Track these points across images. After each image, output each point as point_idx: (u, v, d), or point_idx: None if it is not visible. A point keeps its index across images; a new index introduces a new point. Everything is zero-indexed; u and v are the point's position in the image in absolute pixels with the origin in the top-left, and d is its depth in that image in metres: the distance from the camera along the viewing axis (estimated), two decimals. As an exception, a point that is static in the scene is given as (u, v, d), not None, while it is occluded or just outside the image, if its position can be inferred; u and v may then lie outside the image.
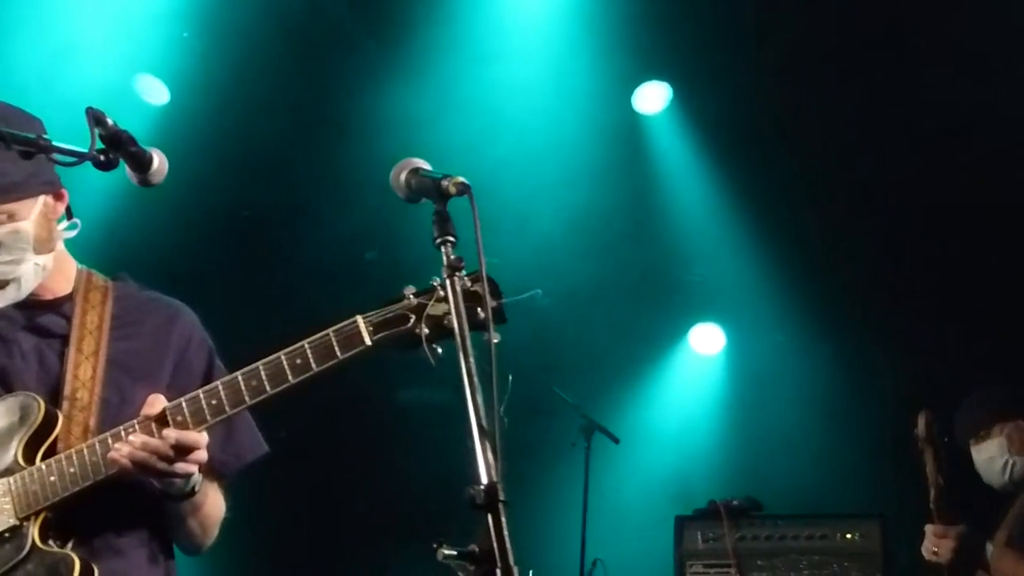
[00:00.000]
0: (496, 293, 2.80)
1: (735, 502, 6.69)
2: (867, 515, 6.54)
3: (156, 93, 7.51)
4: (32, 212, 3.08)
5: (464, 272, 2.69)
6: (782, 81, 7.29)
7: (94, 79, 6.95)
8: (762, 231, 7.89)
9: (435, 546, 2.55)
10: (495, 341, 2.62)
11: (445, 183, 2.71)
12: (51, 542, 2.98)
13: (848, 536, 6.46)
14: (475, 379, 2.56)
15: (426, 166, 2.82)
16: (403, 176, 2.81)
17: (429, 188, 2.76)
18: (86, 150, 2.76)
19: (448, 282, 2.67)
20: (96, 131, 2.78)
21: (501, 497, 2.49)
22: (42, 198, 3.11)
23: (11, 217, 3.04)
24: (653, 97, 7.87)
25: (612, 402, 8.18)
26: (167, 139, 6.36)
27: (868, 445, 7.50)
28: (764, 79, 7.29)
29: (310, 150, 7.61)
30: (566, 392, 7.42)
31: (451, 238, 2.68)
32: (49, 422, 3.05)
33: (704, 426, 8.33)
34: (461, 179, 2.72)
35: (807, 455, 7.53)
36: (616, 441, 7.62)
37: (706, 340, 8.62)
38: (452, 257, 2.67)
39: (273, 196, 7.78)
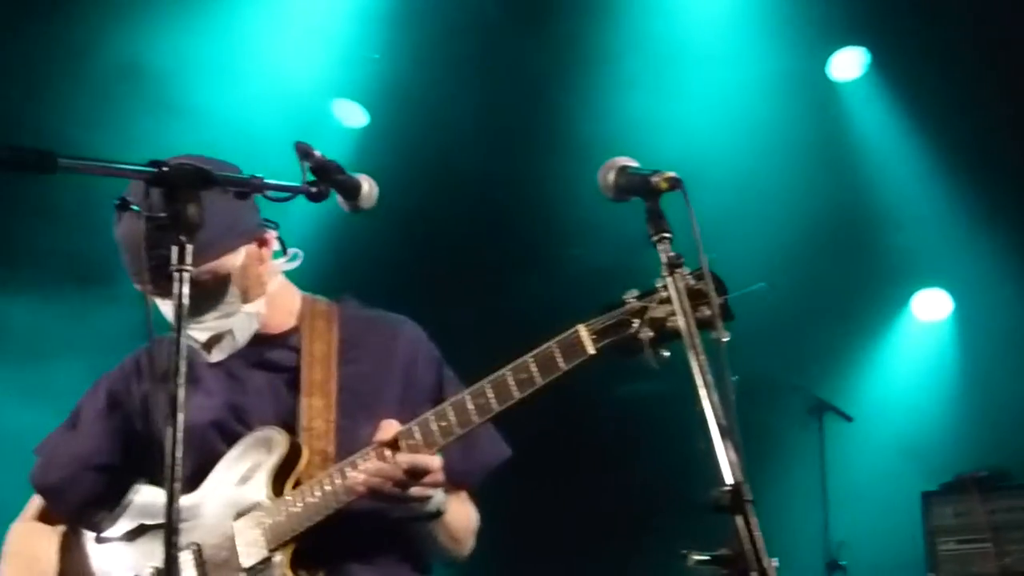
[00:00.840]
0: (721, 289, 2.71)
1: (983, 473, 6.42)
2: None
3: (354, 116, 7.64)
4: (234, 265, 3.11)
5: (684, 268, 2.61)
6: (988, 34, 6.98)
7: (292, 109, 7.10)
8: (981, 189, 7.56)
9: (683, 553, 2.49)
10: (725, 339, 2.54)
11: (655, 179, 2.64)
12: (302, 572, 3.01)
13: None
14: (708, 376, 2.49)
15: (633, 164, 2.76)
16: (611, 176, 2.75)
17: (638, 185, 2.69)
18: (297, 184, 2.78)
19: (669, 279, 2.59)
20: (305, 164, 2.81)
21: (747, 497, 2.41)
22: (243, 249, 3.14)
23: (214, 275, 3.07)
24: (849, 63, 7.66)
25: (839, 379, 7.97)
26: (370, 160, 6.45)
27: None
28: (966, 32, 7.00)
29: (510, 158, 7.62)
30: (790, 373, 7.25)
31: (667, 234, 2.60)
32: (294, 454, 3.09)
33: (938, 396, 8.02)
34: (671, 174, 2.64)
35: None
36: (849, 419, 7.42)
37: (930, 306, 8.33)
38: (671, 254, 2.60)
39: (478, 207, 7.81)
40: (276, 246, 3.24)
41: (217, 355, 3.17)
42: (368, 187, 2.95)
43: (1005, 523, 6.25)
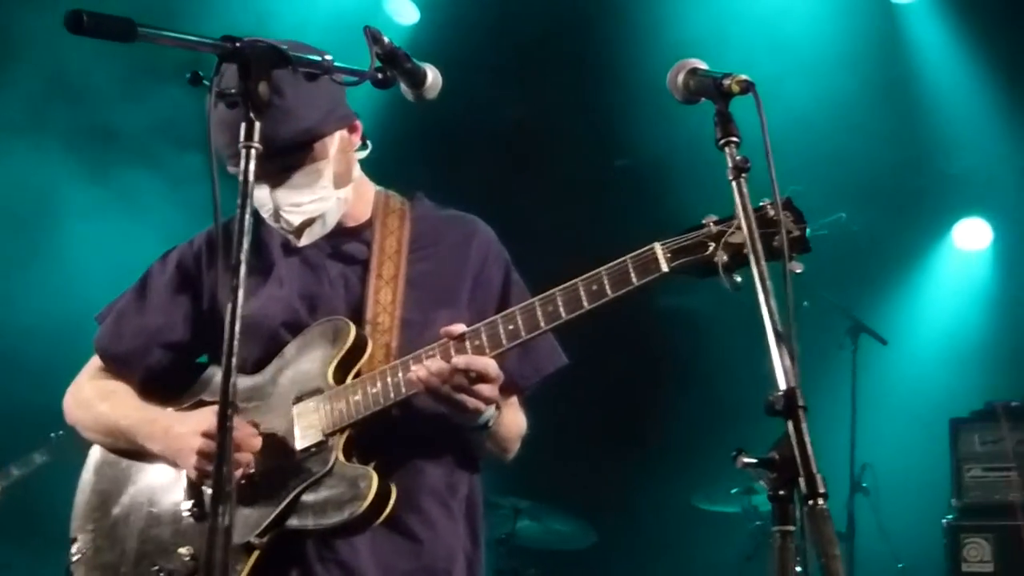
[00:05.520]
0: (800, 220, 2.71)
1: (1014, 403, 6.42)
2: None
3: (406, 12, 7.60)
4: (331, 149, 3.13)
5: (766, 200, 2.65)
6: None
7: (344, 3, 7.06)
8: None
9: (734, 454, 2.51)
10: (799, 271, 2.55)
11: (727, 82, 2.63)
12: (354, 459, 3.05)
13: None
14: (768, 283, 2.50)
15: (703, 66, 2.74)
16: (681, 77, 2.74)
17: (709, 88, 2.68)
18: (365, 69, 2.78)
19: (735, 184, 2.60)
20: (374, 49, 2.81)
21: (800, 403, 2.43)
22: (338, 134, 3.16)
23: (312, 158, 3.10)
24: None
25: (878, 302, 7.95)
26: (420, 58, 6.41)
27: None
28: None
29: (561, 60, 7.58)
30: (830, 293, 7.23)
31: (735, 139, 2.60)
32: (358, 345, 3.12)
33: (974, 325, 8.01)
34: (743, 77, 2.62)
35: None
36: (884, 343, 7.42)
37: (971, 236, 8.28)
38: (737, 158, 2.60)
39: (525, 109, 7.78)
40: (358, 141, 3.25)
41: (306, 239, 3.19)
42: (433, 76, 2.95)
43: (1034, 453, 6.26)
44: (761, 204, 2.69)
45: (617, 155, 8.06)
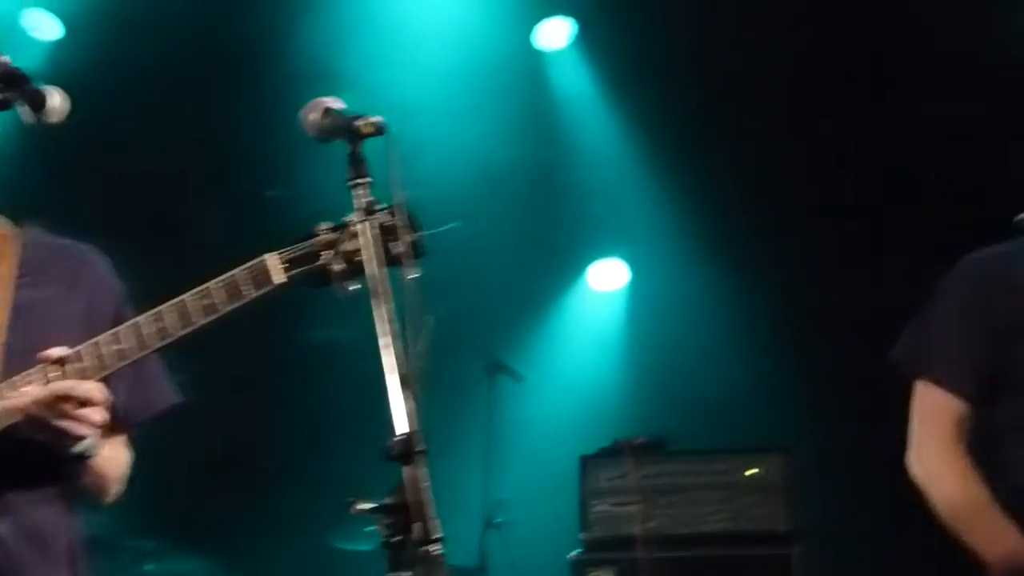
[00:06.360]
0: (415, 226, 2.73)
1: (639, 440, 6.67)
2: (771, 448, 6.54)
3: (46, 28, 7.30)
4: None
5: (381, 207, 2.66)
6: (691, 12, 7.30)
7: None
8: (669, 165, 7.91)
9: (350, 500, 2.50)
10: (414, 276, 2.58)
11: (359, 123, 2.66)
12: None
13: (752, 471, 6.48)
14: (392, 325, 2.52)
15: (339, 105, 2.75)
16: (314, 116, 2.74)
17: (342, 128, 2.69)
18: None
19: (361, 226, 2.61)
20: (-13, 69, 2.69)
21: (419, 447, 2.45)
22: None
23: None
24: (556, 33, 7.91)
25: (514, 340, 8.14)
26: (61, 76, 6.17)
27: (773, 379, 7.53)
28: (671, 11, 7.30)
29: (212, 84, 7.45)
30: (467, 330, 7.34)
31: (365, 179, 2.64)
32: None
33: (607, 365, 8.31)
34: (377, 118, 2.66)
35: (712, 391, 7.52)
36: (521, 379, 7.60)
37: (606, 276, 8.60)
38: (367, 199, 2.63)
39: (173, 132, 7.58)
40: None
41: None
42: (56, 100, 2.82)
43: (655, 488, 6.51)
44: (375, 208, 2.69)
45: (269, 185, 7.96)
